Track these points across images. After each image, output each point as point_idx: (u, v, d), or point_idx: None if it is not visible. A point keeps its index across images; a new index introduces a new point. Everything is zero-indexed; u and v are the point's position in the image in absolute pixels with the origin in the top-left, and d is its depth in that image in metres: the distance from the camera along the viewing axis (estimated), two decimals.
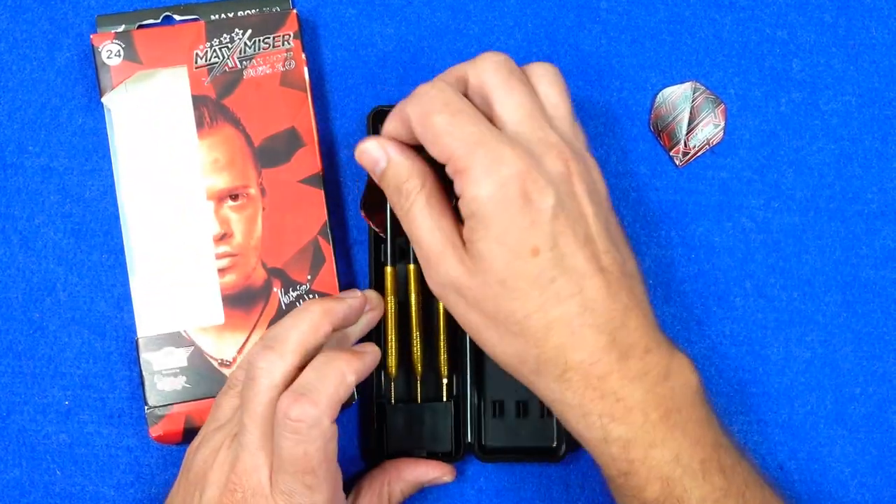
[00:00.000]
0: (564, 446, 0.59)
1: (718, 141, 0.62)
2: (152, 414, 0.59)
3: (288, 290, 0.60)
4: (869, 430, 0.61)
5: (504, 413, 0.60)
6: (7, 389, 0.61)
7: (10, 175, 0.62)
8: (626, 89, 0.62)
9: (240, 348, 0.59)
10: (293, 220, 0.60)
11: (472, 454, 0.59)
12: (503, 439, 0.60)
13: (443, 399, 0.59)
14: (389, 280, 0.59)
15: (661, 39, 0.63)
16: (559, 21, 0.63)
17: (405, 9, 0.63)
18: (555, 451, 0.59)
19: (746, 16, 0.63)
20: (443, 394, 0.59)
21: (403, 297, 0.59)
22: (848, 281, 0.62)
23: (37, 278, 0.61)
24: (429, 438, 0.59)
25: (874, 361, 0.61)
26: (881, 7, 0.63)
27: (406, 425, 0.59)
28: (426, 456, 0.59)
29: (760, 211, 0.62)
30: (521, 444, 0.60)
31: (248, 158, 0.60)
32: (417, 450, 0.59)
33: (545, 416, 0.59)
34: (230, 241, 0.60)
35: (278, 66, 0.60)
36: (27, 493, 0.60)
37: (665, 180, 0.62)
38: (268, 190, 0.60)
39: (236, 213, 0.60)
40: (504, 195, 0.47)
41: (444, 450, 0.59)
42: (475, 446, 0.59)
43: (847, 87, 0.62)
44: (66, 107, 0.62)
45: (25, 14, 0.62)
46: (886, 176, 0.62)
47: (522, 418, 0.60)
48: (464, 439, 0.59)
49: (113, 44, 0.60)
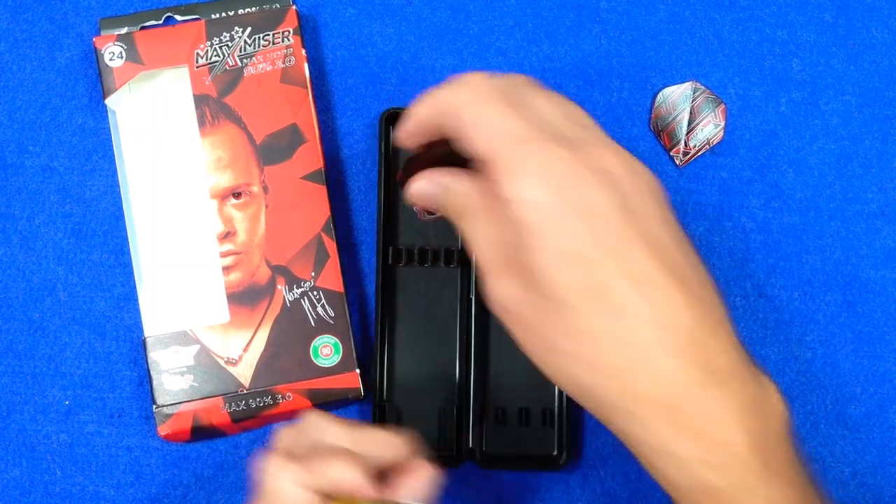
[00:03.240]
0: (565, 454, 0.59)
1: (718, 141, 0.62)
2: (161, 413, 0.59)
3: (292, 288, 0.60)
4: (869, 430, 0.61)
5: (506, 420, 0.60)
6: (7, 389, 0.61)
7: (10, 175, 0.62)
8: (626, 89, 0.62)
9: (245, 346, 0.59)
10: (296, 217, 0.60)
11: (473, 460, 0.59)
12: (504, 446, 0.60)
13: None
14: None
15: (661, 39, 0.63)
16: (559, 21, 0.63)
17: (405, 8, 0.63)
18: (555, 460, 0.59)
19: (746, 16, 0.63)
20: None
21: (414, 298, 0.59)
22: (848, 281, 0.62)
23: (37, 278, 0.61)
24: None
25: (874, 361, 0.61)
26: (881, 7, 0.63)
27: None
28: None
29: (760, 211, 0.62)
30: (522, 452, 0.60)
31: (250, 156, 0.60)
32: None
33: (546, 423, 0.60)
34: (234, 240, 0.60)
35: (278, 62, 0.60)
36: (27, 493, 0.60)
37: (665, 180, 0.62)
38: (270, 187, 0.60)
39: (239, 211, 0.60)
40: (562, 201, 0.41)
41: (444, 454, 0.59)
42: (476, 453, 0.59)
43: (847, 87, 0.63)
44: (67, 107, 0.62)
45: (26, 14, 0.62)
46: (886, 176, 0.62)
47: (524, 426, 0.60)
48: (465, 445, 0.59)
49: (115, 45, 0.60)
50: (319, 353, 0.59)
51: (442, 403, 0.60)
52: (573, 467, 0.61)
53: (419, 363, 0.60)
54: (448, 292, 0.60)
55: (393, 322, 0.60)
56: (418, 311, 0.60)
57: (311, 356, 0.59)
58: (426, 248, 0.60)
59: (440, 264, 0.60)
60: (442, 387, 0.60)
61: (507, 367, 0.60)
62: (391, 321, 0.60)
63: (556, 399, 0.60)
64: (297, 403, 0.59)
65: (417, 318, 0.60)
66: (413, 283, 0.60)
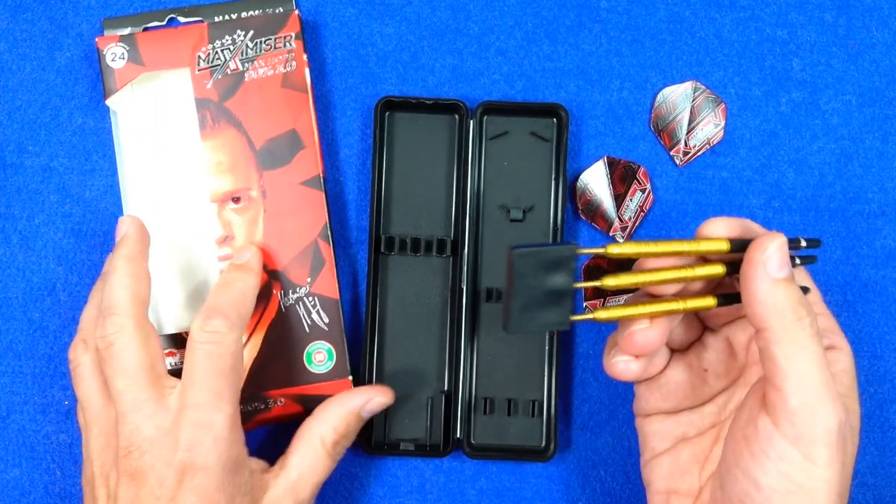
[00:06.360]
0: (552, 446, 0.59)
1: (719, 140, 0.62)
2: None
3: (288, 293, 0.60)
4: (869, 430, 0.61)
5: (494, 410, 0.60)
6: (7, 389, 0.61)
7: (10, 175, 0.62)
8: (626, 89, 0.62)
9: None
10: (294, 223, 0.60)
11: (460, 450, 0.60)
12: (492, 437, 0.60)
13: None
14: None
15: (661, 39, 0.63)
16: (559, 21, 0.63)
17: (405, 9, 0.63)
18: (542, 451, 0.60)
19: (746, 15, 0.63)
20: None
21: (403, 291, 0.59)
22: (848, 281, 0.62)
23: (37, 278, 0.61)
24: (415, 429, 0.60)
25: (874, 361, 0.61)
26: (881, 7, 0.63)
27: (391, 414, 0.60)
28: (413, 450, 0.59)
29: (760, 211, 0.62)
30: (510, 443, 0.60)
31: (250, 161, 0.60)
32: (404, 442, 0.60)
33: (534, 415, 0.60)
34: (232, 244, 0.60)
35: (280, 67, 0.60)
36: (27, 493, 0.60)
37: (665, 180, 0.62)
38: (269, 192, 0.60)
39: (238, 215, 0.60)
40: (839, 436, 0.46)
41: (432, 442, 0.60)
42: (464, 442, 0.59)
43: (847, 86, 0.63)
44: (67, 107, 0.62)
45: (26, 14, 0.62)
46: (886, 176, 0.62)
47: (512, 416, 0.60)
48: (453, 434, 0.59)
49: (117, 46, 0.60)
50: (313, 360, 0.59)
51: (430, 392, 0.60)
52: (560, 459, 0.61)
53: (408, 351, 0.60)
54: (439, 282, 0.60)
55: (384, 310, 0.60)
56: (409, 300, 0.60)
57: (304, 362, 0.59)
58: (418, 237, 0.60)
59: (432, 254, 0.60)
60: (431, 375, 0.60)
61: (496, 357, 0.60)
62: (382, 309, 0.60)
63: (545, 391, 0.60)
64: (289, 408, 0.59)
65: (408, 307, 0.60)
66: (404, 271, 0.60)
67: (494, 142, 0.61)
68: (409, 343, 0.60)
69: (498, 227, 0.61)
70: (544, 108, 0.61)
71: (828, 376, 0.46)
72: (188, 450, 0.50)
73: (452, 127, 0.61)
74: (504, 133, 0.61)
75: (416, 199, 0.61)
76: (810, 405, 0.45)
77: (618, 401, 0.61)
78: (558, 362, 0.60)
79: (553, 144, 0.61)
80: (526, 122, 0.61)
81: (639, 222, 0.61)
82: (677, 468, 0.52)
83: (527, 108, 0.61)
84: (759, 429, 0.46)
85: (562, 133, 0.60)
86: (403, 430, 0.60)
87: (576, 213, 0.62)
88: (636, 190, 0.61)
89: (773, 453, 0.45)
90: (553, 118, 0.61)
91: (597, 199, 0.61)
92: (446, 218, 0.61)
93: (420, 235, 0.61)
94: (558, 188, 0.60)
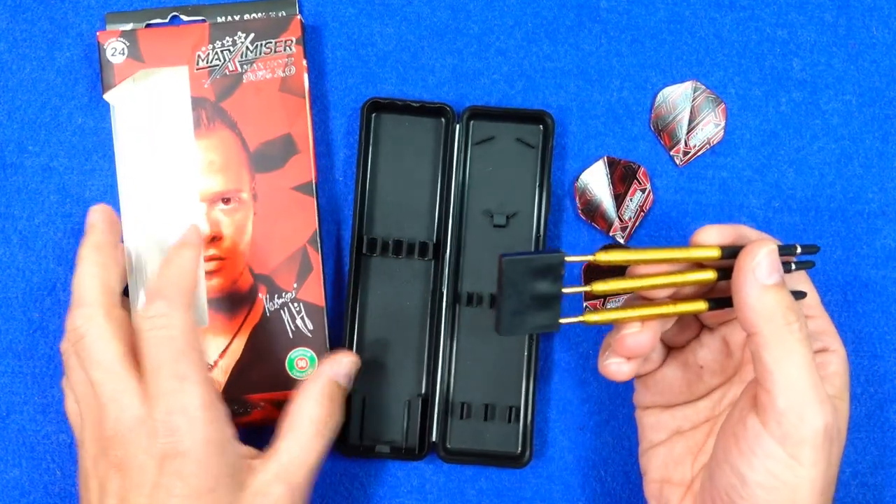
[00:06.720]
0: (528, 453, 0.59)
1: (719, 140, 0.62)
2: None
3: (273, 298, 0.59)
4: (869, 430, 0.61)
5: (471, 415, 0.60)
6: (7, 389, 0.61)
7: (10, 175, 0.62)
8: (626, 89, 0.62)
9: (221, 352, 0.59)
10: (283, 228, 0.60)
11: (436, 454, 0.60)
12: (468, 441, 0.60)
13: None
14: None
15: (661, 39, 0.63)
16: (559, 21, 0.63)
17: (405, 9, 0.63)
18: (518, 458, 0.60)
19: (746, 15, 0.63)
20: None
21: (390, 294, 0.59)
22: (848, 281, 0.62)
23: (37, 278, 0.61)
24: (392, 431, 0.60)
25: (874, 361, 0.61)
26: (881, 7, 0.63)
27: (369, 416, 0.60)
28: (389, 452, 0.59)
29: (760, 211, 0.62)
30: (486, 448, 0.60)
31: (242, 162, 0.60)
32: (380, 444, 0.60)
33: (511, 421, 0.60)
34: (219, 245, 0.60)
35: (278, 71, 0.60)
36: (27, 493, 0.60)
37: (665, 180, 0.62)
38: (260, 195, 0.60)
39: (227, 216, 0.60)
40: (825, 437, 0.47)
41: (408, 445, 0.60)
42: (439, 446, 0.59)
43: (847, 86, 0.63)
44: (67, 106, 0.62)
45: (25, 13, 0.62)
46: (886, 176, 0.62)
47: (489, 422, 0.60)
48: (429, 438, 0.59)
49: (118, 41, 0.60)
50: (295, 366, 0.59)
51: (408, 395, 0.60)
52: (536, 465, 0.61)
53: (387, 353, 0.60)
54: (420, 285, 0.60)
55: (364, 311, 0.60)
56: (389, 302, 0.60)
57: (286, 368, 0.59)
58: (401, 239, 0.60)
59: (414, 256, 0.60)
60: (409, 378, 0.60)
61: (475, 363, 0.60)
62: (362, 310, 0.60)
63: (522, 397, 0.60)
64: (269, 413, 0.59)
65: (388, 309, 0.60)
66: (385, 273, 0.60)
67: (480, 147, 0.61)
68: (389, 345, 0.60)
69: (481, 233, 0.61)
70: (531, 115, 0.60)
71: (816, 379, 0.47)
72: (166, 436, 0.50)
73: (438, 130, 0.61)
74: (490, 138, 0.61)
75: (400, 201, 0.61)
76: (798, 407, 0.46)
77: (618, 401, 0.61)
78: (536, 369, 0.60)
79: (539, 151, 0.61)
80: (512, 128, 0.61)
81: (639, 222, 0.61)
82: (671, 459, 0.54)
83: (513, 114, 0.60)
84: (748, 427, 0.48)
85: (547, 140, 0.60)
86: (379, 432, 0.60)
87: (576, 213, 0.62)
88: (636, 190, 0.61)
89: (760, 451, 0.47)
90: (539, 125, 0.61)
91: (597, 199, 0.61)
92: (430, 221, 0.61)
93: (403, 238, 0.60)
94: (542, 195, 0.60)
